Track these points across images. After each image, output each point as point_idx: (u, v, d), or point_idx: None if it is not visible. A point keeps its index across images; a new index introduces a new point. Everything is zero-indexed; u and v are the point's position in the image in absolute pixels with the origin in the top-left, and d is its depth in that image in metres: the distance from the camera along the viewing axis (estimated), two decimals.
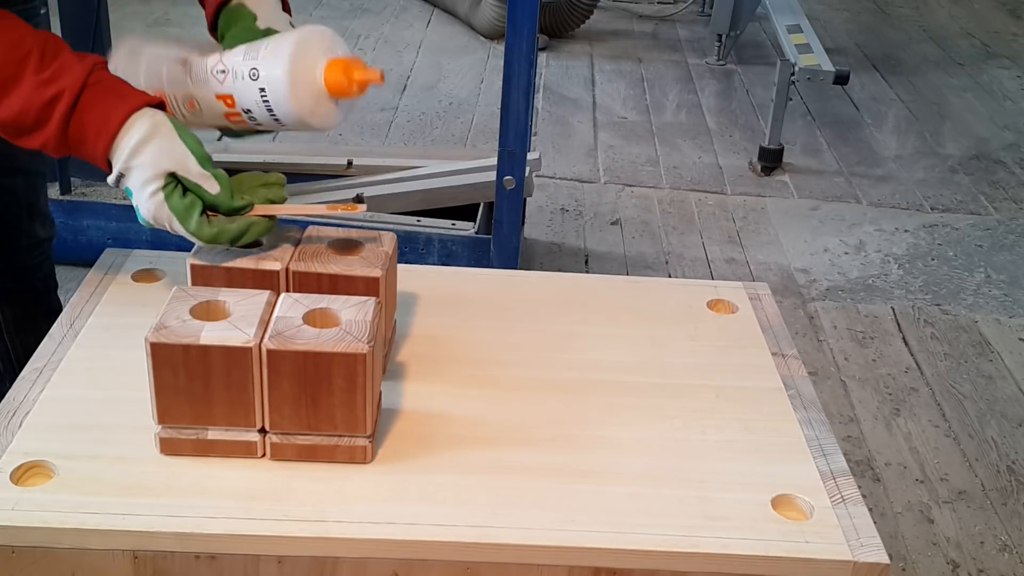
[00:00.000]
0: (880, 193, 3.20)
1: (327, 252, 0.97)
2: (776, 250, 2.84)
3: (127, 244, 1.34)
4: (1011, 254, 2.89)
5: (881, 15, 4.93)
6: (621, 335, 1.09)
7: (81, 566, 0.81)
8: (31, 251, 1.36)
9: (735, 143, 3.49)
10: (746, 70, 4.13)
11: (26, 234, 1.34)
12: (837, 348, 2.41)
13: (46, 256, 1.39)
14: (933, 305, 2.61)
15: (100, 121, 0.95)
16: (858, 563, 0.82)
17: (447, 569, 0.82)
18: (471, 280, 1.17)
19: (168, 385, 0.85)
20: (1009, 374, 2.36)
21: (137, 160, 0.95)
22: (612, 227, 2.90)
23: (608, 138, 3.46)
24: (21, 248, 1.35)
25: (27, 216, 1.34)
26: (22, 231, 1.34)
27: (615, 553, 0.82)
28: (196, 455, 0.87)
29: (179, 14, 4.29)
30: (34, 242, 1.36)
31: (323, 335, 0.84)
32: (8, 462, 0.85)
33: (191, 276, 0.96)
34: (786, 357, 1.07)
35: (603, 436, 0.94)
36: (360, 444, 0.87)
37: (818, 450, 0.94)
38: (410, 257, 2.34)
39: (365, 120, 3.43)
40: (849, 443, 2.10)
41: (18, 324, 1.34)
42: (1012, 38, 4.70)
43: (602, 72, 4.03)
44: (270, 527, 0.81)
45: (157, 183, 0.95)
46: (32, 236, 1.35)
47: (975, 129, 3.70)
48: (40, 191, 1.37)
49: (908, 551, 1.85)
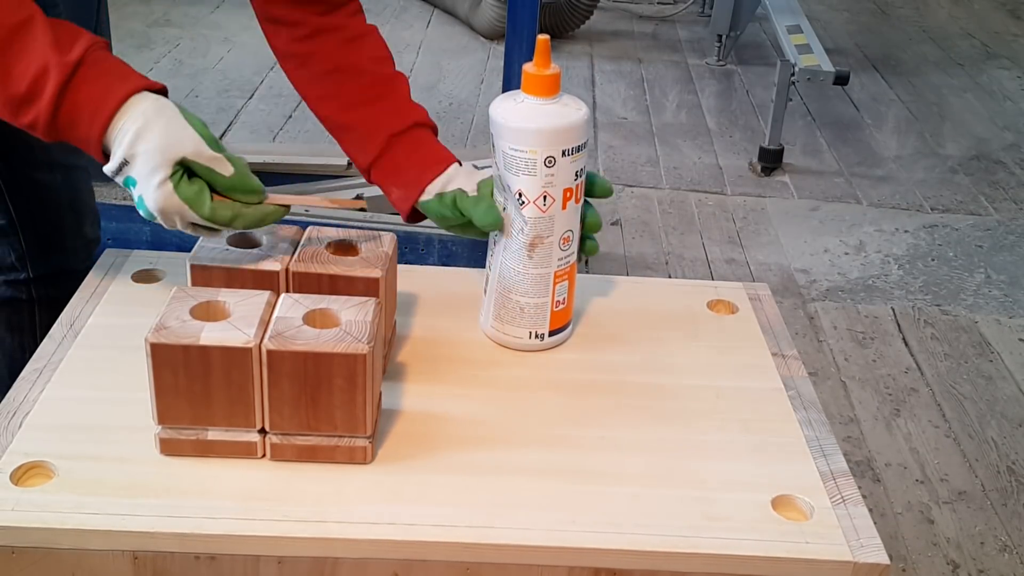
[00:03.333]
0: (880, 193, 3.20)
1: (327, 253, 0.97)
2: (776, 250, 2.84)
3: (127, 244, 1.33)
4: (1011, 254, 2.89)
5: (881, 15, 4.93)
6: (621, 335, 1.09)
7: (81, 567, 0.81)
8: (77, 253, 1.29)
9: (735, 143, 3.49)
10: (746, 70, 4.13)
11: (72, 234, 1.27)
12: (837, 348, 2.41)
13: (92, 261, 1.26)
14: (933, 305, 2.61)
15: (96, 100, 0.89)
16: (858, 563, 0.82)
17: (447, 569, 0.82)
18: (471, 280, 1.17)
19: (168, 385, 0.85)
20: (1009, 374, 2.36)
21: (143, 145, 0.89)
22: (612, 227, 2.90)
23: (608, 138, 3.46)
24: (67, 250, 1.27)
25: (72, 214, 1.27)
26: (67, 231, 1.27)
27: (615, 553, 0.82)
28: (196, 455, 0.87)
29: (179, 14, 4.29)
30: (82, 243, 1.29)
31: (323, 335, 0.84)
32: (8, 462, 0.85)
33: (191, 276, 0.96)
34: (786, 357, 1.07)
35: (603, 436, 0.94)
36: (360, 444, 0.87)
37: (818, 450, 0.94)
38: (410, 257, 2.34)
39: None
40: (849, 443, 2.10)
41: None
42: (1012, 38, 4.70)
43: (602, 72, 4.03)
44: (270, 527, 0.81)
45: (166, 171, 0.89)
46: (80, 236, 1.28)
47: (975, 129, 3.70)
48: (82, 187, 1.29)
49: (908, 551, 1.85)
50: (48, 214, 1.25)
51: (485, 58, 4.05)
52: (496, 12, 4.06)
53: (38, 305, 1.28)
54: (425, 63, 3.97)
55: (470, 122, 3.47)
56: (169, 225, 0.94)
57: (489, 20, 4.14)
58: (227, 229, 0.95)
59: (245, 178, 0.93)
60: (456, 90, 3.74)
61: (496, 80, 3.71)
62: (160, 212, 0.91)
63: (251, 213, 0.93)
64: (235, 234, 0.99)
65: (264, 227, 1.00)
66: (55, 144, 0.94)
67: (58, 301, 1.23)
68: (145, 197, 0.91)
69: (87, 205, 1.31)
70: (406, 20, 4.44)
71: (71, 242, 1.28)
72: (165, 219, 0.92)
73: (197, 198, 0.91)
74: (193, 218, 0.92)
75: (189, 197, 0.91)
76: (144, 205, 0.92)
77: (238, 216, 0.93)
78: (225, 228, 0.94)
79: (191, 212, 0.91)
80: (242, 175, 0.93)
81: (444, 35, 4.29)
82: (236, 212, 0.93)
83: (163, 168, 0.90)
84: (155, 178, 0.90)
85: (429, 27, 4.38)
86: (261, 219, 0.94)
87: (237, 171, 0.92)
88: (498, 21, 4.05)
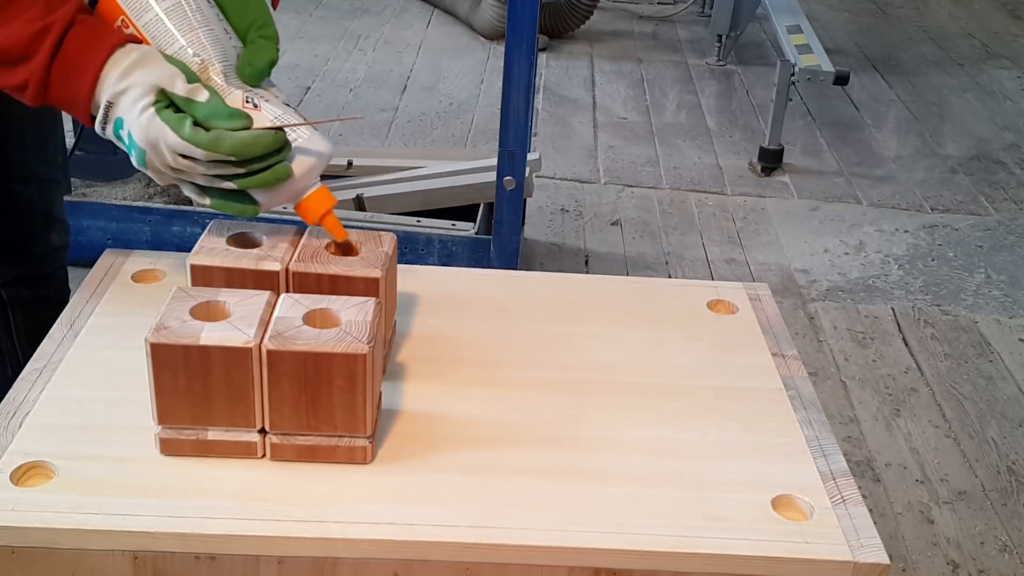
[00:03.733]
0: (880, 193, 3.20)
1: (327, 252, 0.97)
2: (776, 250, 2.84)
3: (127, 244, 1.34)
4: (1011, 254, 2.89)
5: (881, 15, 4.93)
6: (621, 335, 1.09)
7: (81, 567, 0.81)
8: (46, 259, 1.35)
9: (735, 143, 3.49)
10: (746, 70, 4.13)
11: (42, 242, 1.33)
12: (837, 348, 2.41)
13: (60, 264, 1.37)
14: (933, 306, 2.61)
15: (87, 54, 0.92)
16: (858, 563, 0.82)
17: (447, 569, 0.82)
18: (471, 280, 1.17)
19: (168, 385, 0.85)
20: (1009, 374, 2.36)
21: (127, 82, 0.91)
22: (612, 227, 2.90)
23: (608, 138, 3.46)
24: (36, 256, 1.33)
25: (43, 224, 1.32)
26: (38, 239, 1.32)
27: (615, 553, 0.82)
28: (196, 455, 0.87)
29: None
30: (49, 250, 1.34)
31: (323, 335, 0.84)
32: (8, 462, 0.85)
33: (191, 276, 0.96)
34: (786, 357, 1.07)
35: (603, 436, 0.94)
36: (360, 444, 0.87)
37: (818, 450, 0.94)
38: (410, 257, 2.34)
39: (365, 120, 3.43)
40: (849, 443, 2.09)
41: (30, 332, 1.32)
42: (1012, 38, 4.70)
43: (602, 72, 4.03)
44: (270, 527, 0.81)
45: (148, 98, 0.91)
46: (48, 244, 1.34)
47: (975, 129, 3.70)
48: (55, 199, 1.35)
49: (908, 551, 1.85)
50: (22, 223, 1.30)
51: (485, 58, 4.05)
52: (496, 12, 4.06)
53: (10, 307, 1.33)
54: (425, 63, 3.97)
55: (470, 122, 3.47)
56: (158, 164, 0.93)
57: (489, 20, 4.14)
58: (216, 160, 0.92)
59: (221, 103, 0.92)
60: (456, 90, 3.74)
61: (496, 80, 3.71)
62: (145, 140, 0.91)
63: (236, 136, 0.91)
64: (235, 234, 0.99)
65: (264, 227, 1.00)
66: (33, 156, 0.95)
67: (30, 301, 1.28)
68: (133, 132, 0.92)
69: (57, 215, 1.35)
70: (406, 20, 4.44)
71: (40, 249, 1.33)
72: (153, 151, 0.92)
73: (179, 121, 0.91)
74: (176, 144, 0.90)
75: (170, 120, 0.91)
76: (133, 143, 0.92)
77: (221, 138, 0.90)
78: (212, 154, 0.91)
79: (173, 135, 0.90)
80: (219, 100, 0.92)
81: (444, 35, 4.29)
82: (218, 134, 0.91)
83: (145, 96, 0.91)
84: (137, 106, 0.91)
85: (429, 27, 4.38)
86: (250, 143, 0.91)
87: (212, 96, 0.92)
88: (498, 21, 4.05)
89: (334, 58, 3.96)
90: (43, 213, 1.32)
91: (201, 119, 0.92)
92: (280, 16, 1.13)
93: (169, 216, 2.36)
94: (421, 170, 2.59)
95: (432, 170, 2.58)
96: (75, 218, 2.39)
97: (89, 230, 2.39)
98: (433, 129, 3.42)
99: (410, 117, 3.49)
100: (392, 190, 2.50)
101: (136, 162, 0.94)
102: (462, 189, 2.49)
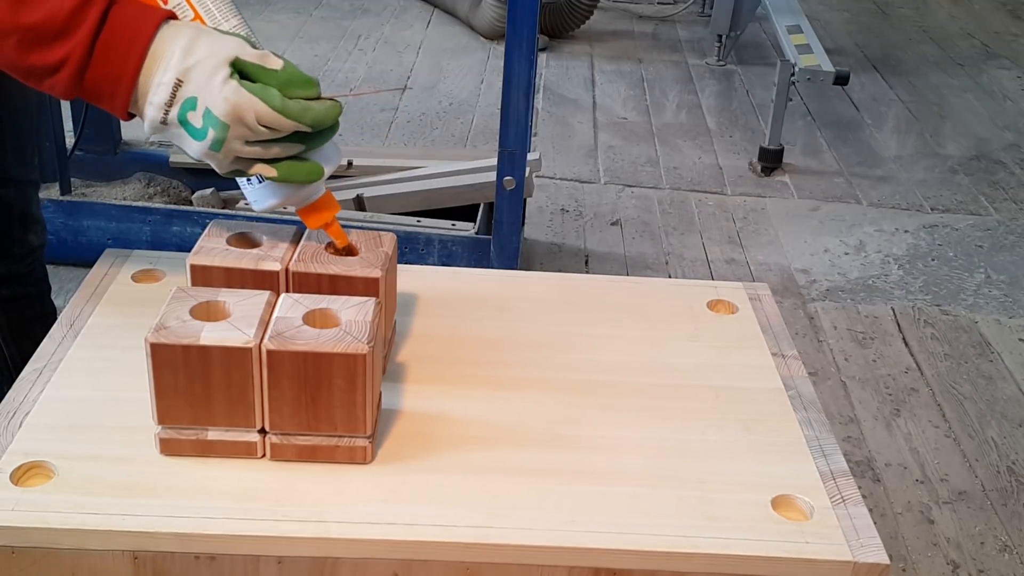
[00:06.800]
0: (880, 193, 3.20)
1: (327, 252, 0.97)
2: (776, 250, 2.84)
3: (127, 244, 1.34)
4: (1011, 254, 2.89)
5: (881, 15, 4.93)
6: (621, 335, 1.09)
7: (81, 567, 0.81)
8: (24, 259, 1.35)
9: (735, 143, 3.49)
10: (746, 70, 4.13)
11: (20, 243, 1.33)
12: (837, 348, 2.41)
13: (38, 262, 1.37)
14: (933, 305, 2.61)
15: (134, 27, 0.85)
16: (858, 563, 0.82)
17: (447, 569, 0.82)
18: (471, 280, 1.17)
19: (168, 385, 0.85)
20: (1009, 374, 2.36)
21: (195, 57, 0.85)
22: (612, 227, 2.90)
23: (608, 138, 3.46)
24: (14, 256, 1.33)
25: (20, 225, 1.32)
26: (15, 240, 1.32)
27: (615, 553, 0.82)
28: (196, 455, 0.87)
29: None
30: (27, 250, 1.35)
31: (323, 335, 0.84)
32: (8, 462, 0.85)
33: (191, 276, 0.96)
34: (786, 357, 1.07)
35: (603, 436, 0.94)
36: (360, 444, 0.87)
37: (818, 450, 0.94)
38: (410, 257, 2.34)
39: (365, 120, 3.43)
40: (849, 443, 2.10)
41: (13, 329, 1.34)
42: (1012, 38, 4.70)
43: (602, 72, 4.03)
44: (270, 527, 0.81)
45: (225, 70, 0.85)
46: (26, 245, 1.34)
47: (975, 129, 3.70)
48: (32, 199, 1.35)
49: (908, 551, 1.85)
50: (0, 225, 1.30)
51: (485, 58, 4.05)
52: (496, 12, 4.06)
53: None
54: (425, 63, 3.97)
55: (470, 122, 3.47)
56: (235, 142, 0.87)
57: (489, 20, 4.14)
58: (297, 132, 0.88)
59: (297, 70, 0.89)
60: (456, 90, 3.74)
61: (496, 80, 3.71)
62: (232, 114, 0.86)
63: (317, 106, 0.88)
64: (235, 234, 0.99)
65: (264, 227, 1.00)
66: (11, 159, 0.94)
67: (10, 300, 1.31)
68: (212, 107, 0.86)
69: (35, 216, 1.35)
70: (406, 20, 4.44)
71: (18, 249, 1.33)
72: (239, 125, 0.86)
73: (264, 91, 0.86)
74: (266, 115, 0.86)
75: (256, 91, 0.86)
76: (214, 120, 0.86)
77: (307, 108, 0.87)
78: (298, 125, 0.87)
79: (264, 106, 0.86)
80: (293, 67, 0.89)
81: (444, 35, 4.29)
82: (304, 105, 0.88)
83: (222, 69, 0.86)
84: (217, 78, 0.85)
85: (429, 27, 4.38)
86: (326, 113, 0.89)
87: (286, 64, 0.89)
88: (498, 21, 4.05)
89: (334, 58, 3.96)
90: (21, 215, 1.32)
91: (276, 86, 0.87)
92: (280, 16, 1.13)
93: (169, 216, 2.36)
94: (421, 170, 2.59)
95: (432, 170, 2.58)
96: (75, 218, 2.41)
97: (89, 230, 2.39)
98: (433, 129, 3.42)
99: (410, 117, 3.49)
100: (392, 190, 2.50)
101: (210, 144, 0.87)
102: (462, 189, 2.49)
